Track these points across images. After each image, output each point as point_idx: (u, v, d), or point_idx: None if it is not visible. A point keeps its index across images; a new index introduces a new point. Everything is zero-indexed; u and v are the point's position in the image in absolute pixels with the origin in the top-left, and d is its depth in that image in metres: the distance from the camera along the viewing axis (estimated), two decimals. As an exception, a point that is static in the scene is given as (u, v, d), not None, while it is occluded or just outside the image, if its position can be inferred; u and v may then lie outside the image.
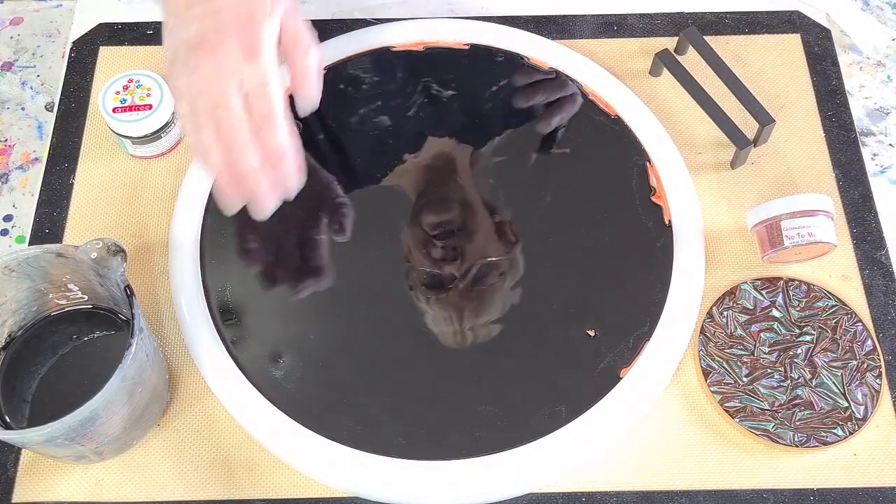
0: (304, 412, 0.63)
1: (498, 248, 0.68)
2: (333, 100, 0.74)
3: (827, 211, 0.66)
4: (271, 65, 0.56)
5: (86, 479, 0.62)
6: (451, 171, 0.72)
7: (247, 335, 0.66)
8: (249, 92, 0.56)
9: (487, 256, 0.68)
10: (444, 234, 0.69)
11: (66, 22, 0.83)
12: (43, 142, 0.77)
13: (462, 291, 0.66)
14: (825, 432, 0.62)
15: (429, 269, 0.67)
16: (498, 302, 0.66)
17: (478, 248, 0.68)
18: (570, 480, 0.62)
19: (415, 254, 0.68)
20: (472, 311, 0.66)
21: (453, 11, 0.82)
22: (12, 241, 0.73)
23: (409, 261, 0.68)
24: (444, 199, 0.70)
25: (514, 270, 0.67)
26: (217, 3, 0.56)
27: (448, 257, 0.67)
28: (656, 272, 0.67)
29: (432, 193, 0.71)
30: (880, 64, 0.80)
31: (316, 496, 0.62)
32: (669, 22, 0.80)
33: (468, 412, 0.63)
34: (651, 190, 0.71)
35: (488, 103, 0.75)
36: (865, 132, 0.77)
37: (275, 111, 0.56)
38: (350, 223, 0.67)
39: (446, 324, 0.66)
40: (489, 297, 0.67)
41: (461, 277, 0.67)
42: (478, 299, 0.66)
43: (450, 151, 0.73)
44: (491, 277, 0.67)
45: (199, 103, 0.56)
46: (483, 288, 0.67)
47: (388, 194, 0.71)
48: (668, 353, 0.65)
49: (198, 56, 0.55)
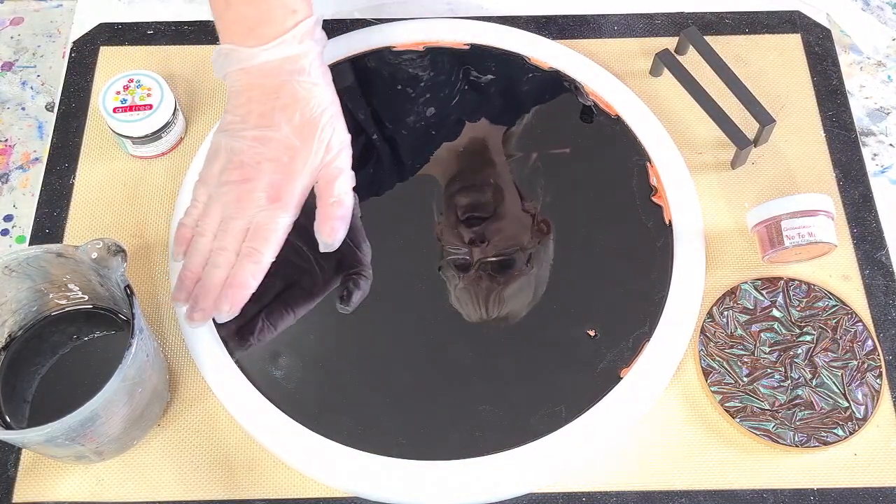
0: (304, 412, 0.63)
1: (528, 235, 0.69)
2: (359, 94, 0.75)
3: (827, 211, 0.66)
4: (286, 214, 0.60)
5: (86, 479, 0.62)
6: (485, 156, 0.72)
7: (247, 336, 0.66)
8: (254, 224, 0.60)
9: (517, 243, 0.68)
10: (475, 219, 0.69)
11: (66, 22, 0.83)
12: (43, 142, 0.77)
13: (489, 276, 0.67)
14: (825, 432, 0.62)
15: (457, 252, 0.68)
16: (525, 289, 0.67)
17: (508, 234, 0.69)
18: (570, 480, 0.62)
19: (446, 235, 0.69)
20: (498, 295, 0.67)
21: (453, 11, 0.82)
22: (12, 241, 0.73)
23: (440, 240, 0.69)
24: (476, 183, 0.71)
25: (542, 259, 0.68)
26: (274, 130, 0.60)
27: (477, 240, 0.68)
28: (656, 272, 0.67)
29: (465, 178, 0.71)
30: (880, 64, 0.80)
31: (316, 496, 0.62)
32: (669, 22, 0.80)
33: (468, 412, 0.63)
34: (651, 190, 0.71)
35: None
36: (865, 132, 0.77)
37: (261, 252, 0.60)
38: (358, 297, 0.66)
39: (472, 306, 0.66)
40: (515, 283, 0.67)
41: (486, 261, 0.67)
42: (504, 284, 0.67)
43: (483, 136, 0.73)
44: (518, 264, 0.68)
45: (212, 209, 0.61)
46: (511, 273, 0.67)
47: (402, 201, 0.71)
48: (668, 353, 0.64)
49: (231, 175, 0.60)
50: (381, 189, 0.72)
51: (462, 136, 0.73)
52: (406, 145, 0.73)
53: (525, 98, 0.75)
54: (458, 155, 0.73)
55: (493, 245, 0.68)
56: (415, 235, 0.69)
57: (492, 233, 0.68)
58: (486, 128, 0.74)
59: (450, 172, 0.72)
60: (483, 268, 0.67)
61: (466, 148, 0.73)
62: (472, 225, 0.69)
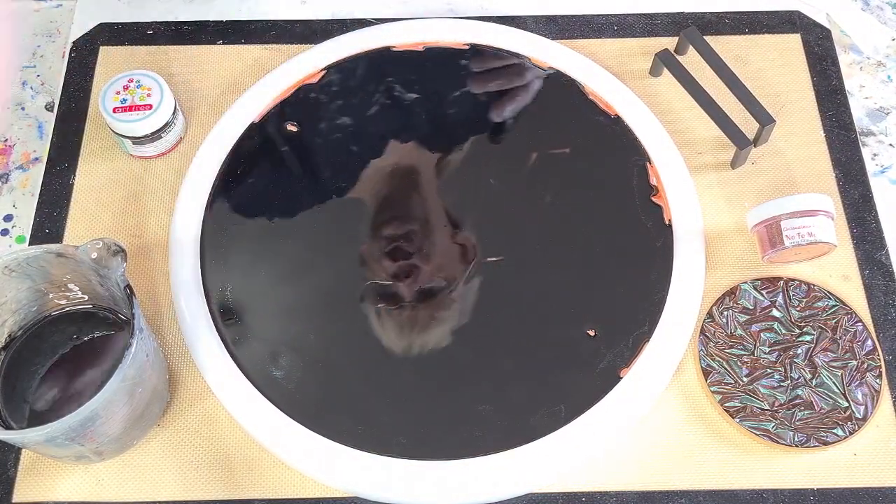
0: (304, 412, 0.63)
1: (455, 266, 0.68)
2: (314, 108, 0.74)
3: (827, 211, 0.66)
4: None
5: (86, 479, 0.62)
6: (414, 182, 0.71)
7: (247, 335, 0.66)
8: None
9: (444, 275, 0.67)
10: (403, 251, 0.68)
11: (66, 22, 0.83)
12: (43, 142, 0.77)
13: (412, 306, 0.66)
14: (825, 432, 0.62)
15: (383, 283, 0.67)
16: (449, 320, 0.66)
17: (436, 265, 0.68)
18: (570, 480, 0.62)
19: (371, 262, 0.68)
20: (422, 325, 0.66)
21: (453, 11, 0.82)
22: (12, 241, 0.73)
23: (363, 266, 0.68)
24: (403, 214, 0.70)
25: (467, 289, 0.67)
26: None
27: (402, 274, 0.67)
28: (656, 272, 0.67)
29: (394, 206, 0.70)
30: (880, 64, 0.80)
31: (316, 496, 0.62)
32: (669, 22, 0.80)
33: (468, 412, 0.63)
34: (651, 190, 0.71)
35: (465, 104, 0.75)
36: (865, 132, 0.77)
37: None
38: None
39: (396, 337, 0.65)
40: (440, 314, 0.66)
41: (413, 292, 0.66)
42: (429, 315, 0.66)
43: (413, 162, 0.72)
44: (443, 295, 0.67)
45: None
46: (434, 303, 0.66)
47: (384, 190, 0.71)
48: (668, 353, 0.65)
49: None
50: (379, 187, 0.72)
51: (391, 159, 0.72)
52: (332, 160, 0.73)
53: (452, 120, 0.74)
54: (388, 178, 0.72)
55: (420, 277, 0.67)
56: (414, 234, 0.69)
57: (419, 264, 0.67)
58: (416, 152, 0.73)
59: (378, 197, 0.71)
60: (408, 298, 0.66)
61: (395, 172, 0.72)
62: (399, 256, 0.68)
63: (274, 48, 0.79)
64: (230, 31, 0.80)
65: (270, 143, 0.73)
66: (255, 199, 0.71)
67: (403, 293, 0.67)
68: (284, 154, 0.73)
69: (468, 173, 0.72)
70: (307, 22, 0.81)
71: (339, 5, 0.82)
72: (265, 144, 0.73)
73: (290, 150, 0.73)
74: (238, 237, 0.69)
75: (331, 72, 0.75)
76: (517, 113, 0.74)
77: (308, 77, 0.76)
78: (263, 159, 0.72)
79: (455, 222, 0.69)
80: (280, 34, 0.80)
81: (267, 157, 0.73)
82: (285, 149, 0.73)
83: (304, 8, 0.82)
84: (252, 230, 0.70)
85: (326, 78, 0.76)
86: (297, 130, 0.74)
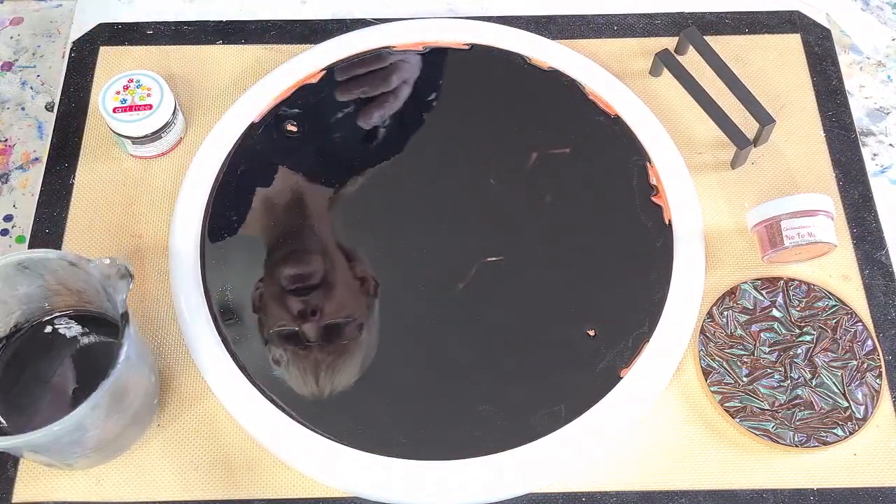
0: (304, 412, 0.63)
1: (357, 300, 0.66)
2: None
3: (827, 211, 0.66)
4: None
5: (86, 479, 0.62)
6: (303, 216, 0.70)
7: (247, 335, 0.66)
8: None
9: (348, 311, 0.66)
10: (303, 290, 0.66)
11: (66, 22, 0.83)
12: (43, 142, 0.77)
13: (319, 347, 0.64)
14: (825, 432, 0.62)
15: (285, 325, 0.65)
16: (357, 355, 0.65)
17: (338, 303, 0.66)
18: (570, 480, 0.62)
19: (270, 306, 0.66)
20: (330, 366, 0.64)
21: (453, 11, 0.82)
22: (12, 241, 0.73)
23: (259, 312, 0.66)
24: (301, 251, 0.68)
25: (370, 324, 0.66)
26: None
27: (307, 312, 0.65)
28: (656, 272, 0.67)
29: (291, 243, 0.68)
30: (880, 64, 0.80)
31: (316, 496, 0.62)
32: (669, 22, 0.80)
33: (468, 412, 0.63)
34: (651, 190, 0.71)
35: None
36: (865, 132, 0.77)
37: None
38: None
39: (303, 379, 0.64)
40: (347, 352, 0.65)
41: (317, 333, 0.65)
42: (335, 354, 0.65)
43: (301, 193, 0.70)
44: (349, 332, 0.65)
45: None
46: (342, 343, 0.65)
47: (384, 191, 0.71)
48: (668, 353, 0.65)
49: None
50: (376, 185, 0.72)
51: (282, 190, 0.71)
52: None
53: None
54: (285, 212, 0.70)
55: (324, 316, 0.65)
56: (414, 235, 0.69)
57: (322, 303, 0.66)
58: (305, 185, 0.71)
59: (275, 234, 0.69)
60: (313, 339, 0.65)
61: (288, 206, 0.70)
62: (300, 295, 0.66)
63: (274, 48, 0.79)
64: (230, 31, 0.80)
65: (270, 142, 0.73)
66: (254, 199, 0.71)
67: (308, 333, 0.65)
68: (284, 154, 0.73)
69: (468, 173, 0.72)
70: (307, 22, 0.81)
71: (339, 5, 0.82)
72: (265, 144, 0.73)
73: (290, 149, 0.73)
74: (238, 237, 0.69)
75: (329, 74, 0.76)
76: (385, 119, 0.73)
77: (308, 77, 0.76)
78: (263, 159, 0.72)
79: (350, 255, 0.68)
80: (280, 34, 0.80)
81: (267, 156, 0.73)
82: (285, 148, 0.73)
83: (304, 8, 0.82)
84: (252, 230, 0.70)
85: (326, 78, 0.76)
86: (296, 130, 0.74)
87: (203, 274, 0.68)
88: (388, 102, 0.74)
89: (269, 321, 0.66)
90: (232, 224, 0.70)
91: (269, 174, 0.72)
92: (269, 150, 0.73)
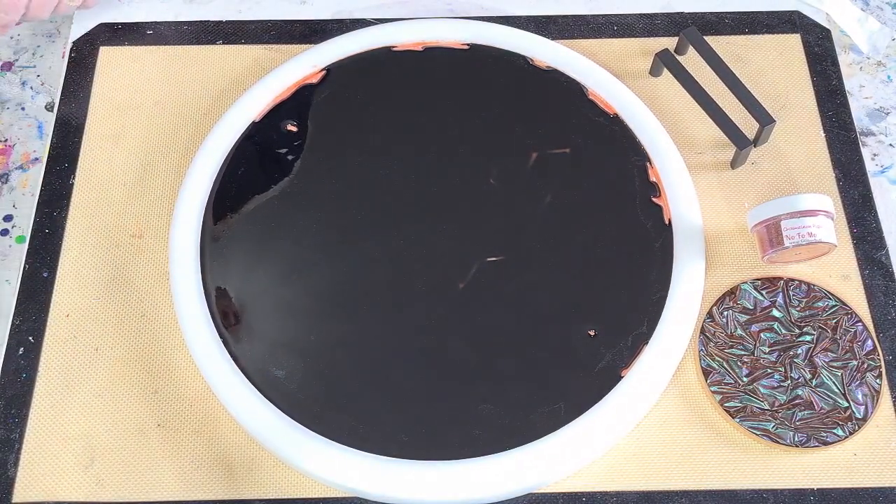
0: (305, 412, 0.63)
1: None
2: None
3: (827, 211, 0.66)
4: None
5: (86, 479, 0.63)
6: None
7: (247, 335, 0.66)
8: None
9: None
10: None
11: (66, 22, 0.83)
12: (43, 142, 0.77)
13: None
14: (825, 432, 0.62)
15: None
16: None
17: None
18: (570, 480, 0.62)
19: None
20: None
21: (453, 11, 0.82)
22: (12, 242, 0.73)
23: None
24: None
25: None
26: None
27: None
28: (656, 272, 0.67)
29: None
30: (880, 64, 0.80)
31: (316, 496, 0.62)
32: (669, 22, 0.80)
33: (468, 411, 0.63)
34: (651, 190, 0.71)
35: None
36: (865, 132, 0.77)
37: None
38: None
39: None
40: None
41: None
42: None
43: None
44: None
45: None
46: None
47: (385, 191, 0.71)
48: (667, 353, 0.65)
49: None
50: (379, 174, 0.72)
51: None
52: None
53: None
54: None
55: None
56: (414, 235, 0.69)
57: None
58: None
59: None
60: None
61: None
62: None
63: (274, 48, 0.79)
64: (230, 32, 0.80)
65: (270, 142, 0.73)
66: (255, 199, 0.71)
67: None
68: (284, 153, 0.73)
69: (469, 173, 0.72)
70: (307, 22, 0.81)
71: (340, 5, 0.82)
72: (265, 144, 0.73)
73: (290, 150, 0.73)
74: (238, 237, 0.69)
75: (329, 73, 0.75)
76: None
77: (308, 77, 0.76)
78: (263, 159, 0.73)
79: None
80: (280, 34, 0.80)
81: (267, 156, 0.73)
82: (285, 148, 0.73)
83: (304, 8, 0.82)
84: (252, 230, 0.70)
85: (327, 78, 0.76)
86: (296, 130, 0.74)
87: (203, 274, 0.68)
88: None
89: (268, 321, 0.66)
90: (232, 224, 0.70)
91: (270, 174, 0.72)
92: (270, 149, 0.73)
